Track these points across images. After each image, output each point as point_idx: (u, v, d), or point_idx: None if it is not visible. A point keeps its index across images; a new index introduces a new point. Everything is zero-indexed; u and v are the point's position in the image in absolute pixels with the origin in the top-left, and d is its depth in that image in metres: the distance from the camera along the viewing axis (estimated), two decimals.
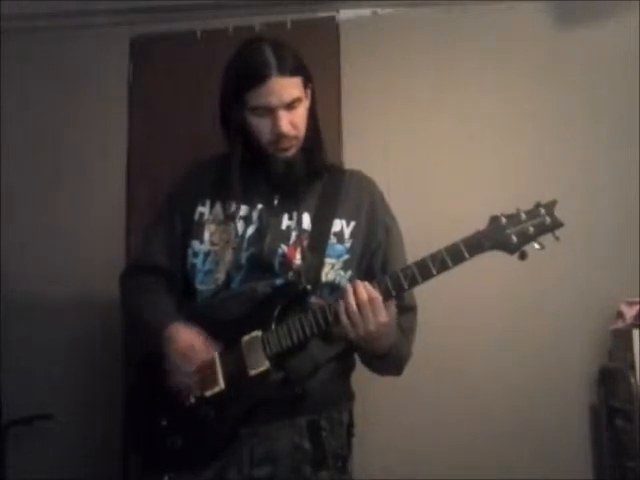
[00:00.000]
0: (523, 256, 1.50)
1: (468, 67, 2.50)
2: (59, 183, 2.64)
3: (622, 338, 2.18)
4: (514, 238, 1.50)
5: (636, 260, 2.30)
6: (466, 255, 1.49)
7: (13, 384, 2.47)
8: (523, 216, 1.51)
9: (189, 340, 1.58)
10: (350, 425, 1.71)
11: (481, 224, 2.42)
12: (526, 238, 1.50)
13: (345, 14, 2.58)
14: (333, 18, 2.58)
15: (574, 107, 2.44)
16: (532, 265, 2.37)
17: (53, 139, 2.66)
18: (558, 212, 2.47)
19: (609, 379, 2.24)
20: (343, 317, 1.48)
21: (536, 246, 1.50)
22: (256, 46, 1.64)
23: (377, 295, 1.48)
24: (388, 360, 1.64)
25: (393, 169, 2.49)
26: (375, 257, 1.70)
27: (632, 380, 2.07)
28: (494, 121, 2.48)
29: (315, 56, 2.54)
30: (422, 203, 2.41)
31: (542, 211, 1.51)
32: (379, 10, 2.58)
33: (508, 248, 1.50)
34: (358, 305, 1.47)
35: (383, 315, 1.48)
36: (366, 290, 1.48)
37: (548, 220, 1.51)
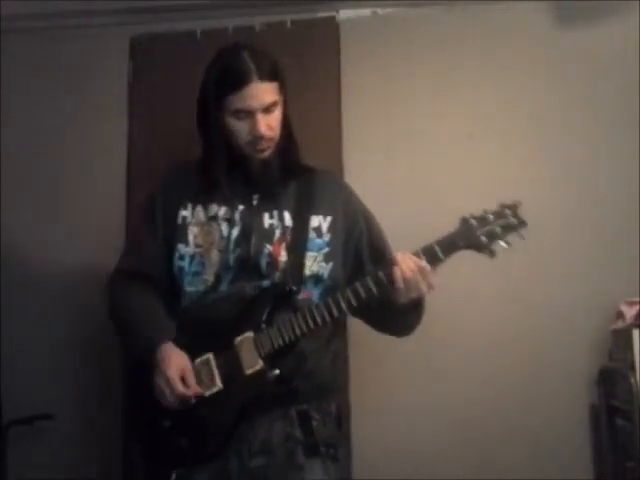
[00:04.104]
0: (492, 254, 1.63)
1: (468, 67, 2.50)
2: (59, 183, 2.64)
3: (622, 338, 2.17)
4: (484, 238, 1.63)
5: (636, 260, 2.29)
6: (441, 256, 1.64)
7: (13, 384, 2.47)
8: (491, 217, 1.64)
9: (177, 370, 1.66)
10: (339, 416, 1.80)
11: None
12: (494, 237, 1.63)
13: (345, 14, 2.58)
14: (333, 18, 2.57)
15: (574, 107, 2.44)
16: (532, 265, 2.40)
17: (53, 139, 2.66)
18: (558, 212, 2.49)
19: (609, 379, 2.24)
20: (399, 284, 1.61)
21: (503, 245, 1.62)
22: (235, 52, 1.74)
23: (425, 263, 1.63)
24: (418, 309, 1.79)
25: (393, 169, 2.49)
26: (360, 243, 1.83)
27: (632, 380, 2.07)
28: (494, 121, 2.48)
29: (315, 56, 2.56)
30: (422, 203, 2.41)
31: (507, 212, 1.64)
32: (379, 10, 2.58)
33: (478, 247, 1.63)
34: (412, 272, 1.62)
35: (433, 279, 1.64)
36: (413, 260, 1.63)
37: (513, 220, 1.63)
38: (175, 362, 1.67)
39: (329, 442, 1.72)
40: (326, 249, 1.77)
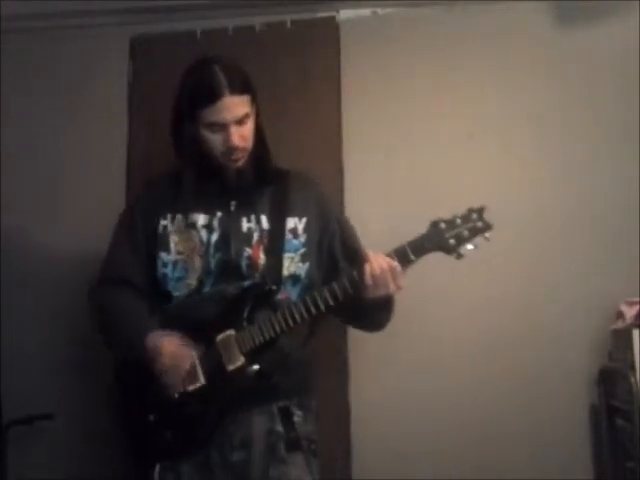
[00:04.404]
0: (459, 256, 1.72)
1: (468, 67, 2.50)
2: (59, 183, 2.64)
3: (622, 338, 2.17)
4: (452, 241, 1.71)
5: (636, 260, 2.29)
6: (411, 257, 1.72)
7: (13, 384, 2.47)
8: (458, 221, 1.73)
9: (172, 343, 1.75)
10: (317, 413, 1.89)
11: None
12: (462, 240, 1.72)
13: (345, 14, 2.57)
14: (333, 18, 2.57)
15: (574, 107, 2.44)
16: (532, 265, 2.40)
17: (53, 139, 2.66)
18: (558, 212, 2.49)
19: (609, 379, 2.24)
20: (368, 280, 1.69)
21: (470, 247, 1.71)
22: (208, 67, 1.81)
23: (396, 264, 1.70)
24: (387, 308, 1.86)
25: (393, 169, 2.49)
26: (333, 241, 1.90)
27: (632, 380, 2.07)
28: (494, 121, 2.48)
29: (315, 56, 2.56)
30: (422, 203, 2.41)
31: (474, 216, 1.73)
32: (379, 10, 2.58)
33: (447, 250, 1.72)
34: (382, 270, 1.69)
35: (402, 280, 1.71)
36: (385, 260, 1.70)
37: (480, 224, 1.72)
38: (167, 342, 1.75)
39: (311, 437, 1.81)
40: (302, 249, 1.85)
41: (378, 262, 1.70)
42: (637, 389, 2.06)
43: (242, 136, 1.80)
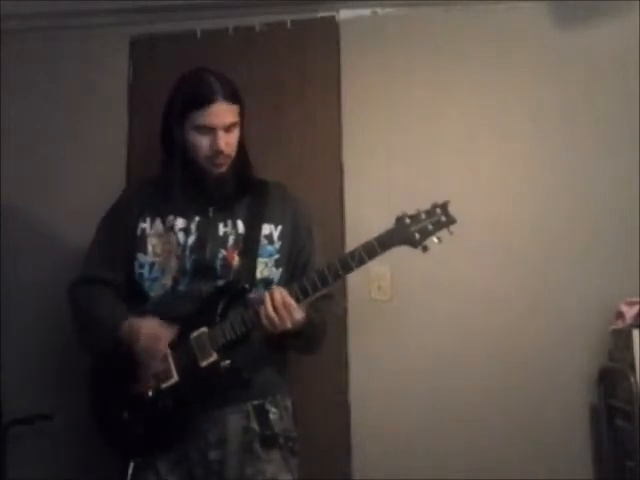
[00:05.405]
0: (425, 249, 1.74)
1: (468, 67, 2.50)
2: (59, 183, 2.64)
3: (622, 338, 2.18)
4: (417, 235, 1.74)
5: (636, 260, 2.29)
6: (378, 250, 1.75)
7: (13, 384, 2.48)
8: (423, 216, 1.76)
9: (151, 324, 1.79)
10: (294, 411, 1.91)
11: (481, 222, 2.44)
12: (426, 234, 1.74)
13: (345, 14, 2.58)
14: (333, 18, 2.57)
15: (574, 107, 2.44)
16: (532, 265, 2.40)
17: (53, 139, 2.66)
18: (558, 211, 2.49)
19: (609, 379, 2.24)
20: (264, 320, 1.73)
21: (435, 240, 1.74)
22: (203, 74, 1.89)
23: (291, 301, 1.72)
24: (304, 337, 1.84)
25: (393, 169, 2.49)
26: (300, 256, 1.95)
27: (632, 380, 2.07)
28: (494, 121, 2.48)
29: (315, 56, 2.56)
30: (422, 203, 2.40)
31: (438, 211, 1.75)
32: (379, 10, 2.58)
33: (413, 243, 1.75)
34: (275, 309, 1.72)
35: (299, 315, 1.73)
36: (282, 296, 1.72)
37: (444, 218, 1.75)
38: (144, 321, 1.80)
39: (288, 435, 1.84)
40: (276, 255, 1.90)
41: (272, 302, 1.73)
42: (637, 389, 2.06)
43: (228, 143, 1.86)
